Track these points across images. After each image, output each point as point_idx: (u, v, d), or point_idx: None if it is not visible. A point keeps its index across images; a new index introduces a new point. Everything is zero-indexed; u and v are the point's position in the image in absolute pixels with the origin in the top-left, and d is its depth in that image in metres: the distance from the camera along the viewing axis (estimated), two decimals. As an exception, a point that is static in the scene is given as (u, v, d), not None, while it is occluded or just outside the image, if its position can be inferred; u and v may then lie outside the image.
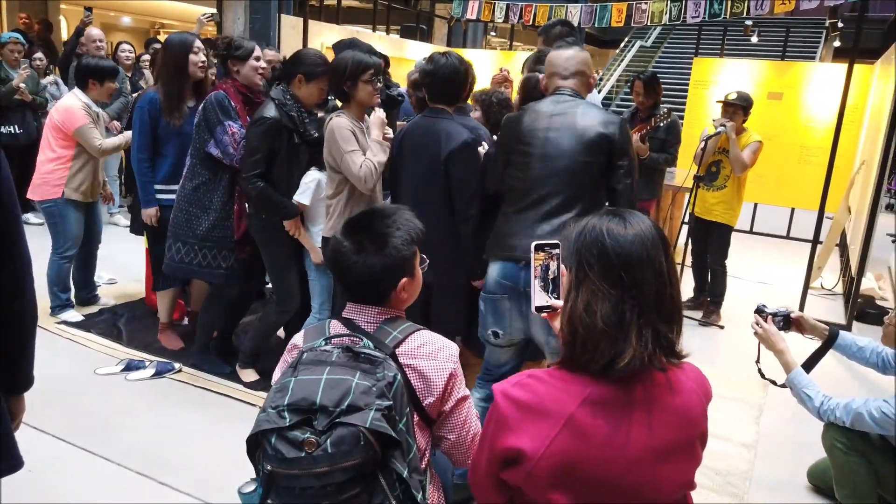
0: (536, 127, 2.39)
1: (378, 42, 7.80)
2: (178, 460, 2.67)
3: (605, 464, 1.14)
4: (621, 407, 1.16)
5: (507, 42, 11.52)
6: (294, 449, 1.27)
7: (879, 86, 5.72)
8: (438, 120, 2.76)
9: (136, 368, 3.39)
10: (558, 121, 2.37)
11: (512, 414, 1.19)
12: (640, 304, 1.16)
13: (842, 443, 2.37)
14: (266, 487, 1.34)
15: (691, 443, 1.21)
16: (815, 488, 2.77)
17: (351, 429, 1.27)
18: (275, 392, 1.35)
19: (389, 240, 1.51)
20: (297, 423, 1.29)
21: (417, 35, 9.87)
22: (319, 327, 1.56)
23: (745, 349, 4.47)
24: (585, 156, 2.34)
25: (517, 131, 2.43)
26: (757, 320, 2.45)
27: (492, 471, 1.25)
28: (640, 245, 1.17)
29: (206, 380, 3.35)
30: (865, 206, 4.91)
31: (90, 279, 4.22)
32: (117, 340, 3.73)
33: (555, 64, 2.48)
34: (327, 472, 1.26)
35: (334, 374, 1.34)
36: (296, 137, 3.01)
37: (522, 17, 7.44)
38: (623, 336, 1.15)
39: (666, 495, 1.18)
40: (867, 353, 2.54)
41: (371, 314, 1.55)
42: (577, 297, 1.19)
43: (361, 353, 1.40)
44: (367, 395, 1.31)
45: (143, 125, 3.39)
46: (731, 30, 10.73)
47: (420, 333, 1.53)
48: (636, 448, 1.15)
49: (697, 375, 1.27)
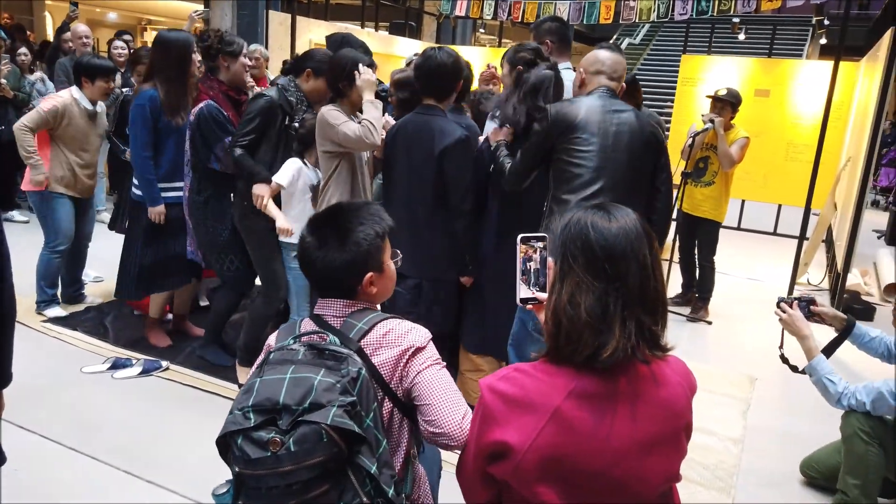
0: (596, 119, 2.44)
1: (366, 39, 7.77)
2: (166, 459, 2.66)
3: (591, 456, 1.15)
4: (606, 399, 1.17)
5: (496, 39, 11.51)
6: (259, 449, 1.27)
7: (865, 83, 5.77)
8: (432, 117, 2.76)
9: (123, 367, 3.36)
10: (617, 117, 2.46)
11: (498, 408, 1.19)
12: (624, 296, 1.16)
13: (864, 432, 2.37)
14: (236, 489, 1.35)
15: (676, 435, 1.22)
16: (806, 480, 2.79)
17: (313, 426, 1.26)
18: (242, 393, 1.35)
19: (351, 234, 1.51)
20: (262, 423, 1.29)
21: (406, 32, 9.84)
22: (291, 326, 1.56)
23: (733, 345, 4.50)
24: (643, 154, 2.48)
25: (572, 120, 2.45)
26: (782, 307, 2.49)
27: (479, 465, 1.25)
28: (624, 238, 1.18)
29: (193, 378, 3.33)
30: (851, 203, 4.95)
31: (78, 277, 4.19)
32: (104, 339, 3.70)
33: (605, 64, 2.55)
34: (292, 470, 1.26)
35: (298, 372, 1.34)
36: (287, 119, 3.04)
37: (511, 14, 7.45)
38: (606, 328, 1.15)
39: (652, 487, 1.19)
40: (876, 343, 2.60)
41: (337, 308, 1.54)
42: (562, 290, 1.20)
43: (326, 349, 1.40)
44: (329, 391, 1.30)
45: (146, 122, 3.32)
46: (718, 27, 10.78)
47: (385, 322, 1.52)
48: (621, 440, 1.16)
49: (682, 368, 1.28)
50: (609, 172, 2.43)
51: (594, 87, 2.54)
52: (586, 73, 2.59)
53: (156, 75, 3.36)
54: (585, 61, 2.64)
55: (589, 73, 2.58)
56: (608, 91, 2.52)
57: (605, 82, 2.53)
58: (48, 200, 3.79)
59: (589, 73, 2.58)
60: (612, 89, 2.53)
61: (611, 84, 2.54)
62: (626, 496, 1.17)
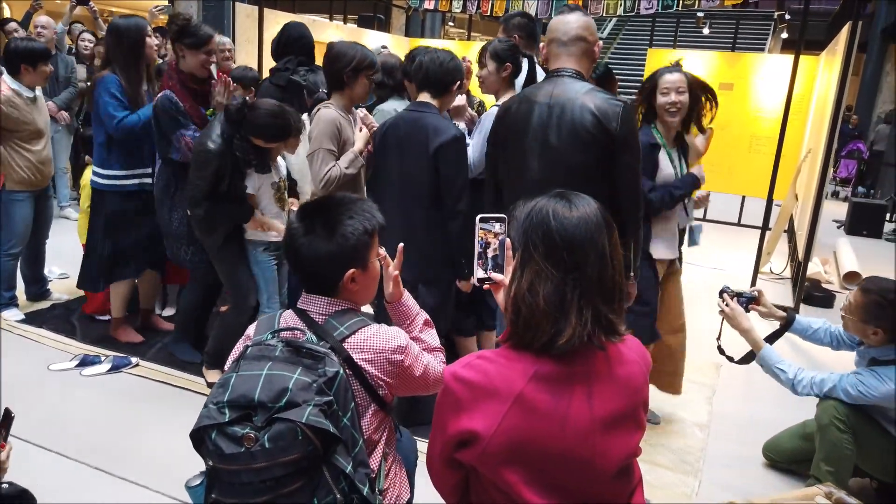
0: (530, 120, 2.23)
1: (335, 31, 7.72)
2: (137, 454, 2.64)
3: (553, 436, 1.18)
4: (566, 381, 1.20)
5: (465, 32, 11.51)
6: (233, 444, 1.28)
7: (824, 77, 5.91)
8: (425, 114, 2.73)
9: (92, 364, 3.32)
10: (555, 113, 2.19)
11: (464, 395, 1.22)
12: (582, 285, 1.19)
13: (840, 420, 2.45)
14: (209, 482, 1.36)
15: (635, 411, 1.26)
16: (768, 463, 2.88)
17: (288, 424, 1.27)
18: (217, 388, 1.36)
19: (339, 227, 1.50)
20: (237, 418, 1.30)
21: (375, 25, 9.79)
22: (271, 319, 1.55)
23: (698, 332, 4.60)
24: (580, 154, 2.16)
25: (509, 125, 2.28)
26: (724, 297, 2.59)
27: (446, 453, 1.27)
28: (584, 228, 1.21)
29: (164, 373, 3.31)
30: (811, 194, 5.08)
31: (40, 274, 4.11)
32: (71, 336, 3.65)
33: (554, 29, 2.29)
34: (266, 467, 1.27)
35: (275, 369, 1.34)
36: (236, 173, 2.91)
37: (480, 8, 7.46)
38: (563, 316, 1.18)
39: (615, 463, 1.23)
40: (821, 334, 2.76)
41: (321, 304, 1.54)
42: (522, 277, 1.22)
43: (304, 347, 1.40)
44: (306, 391, 1.31)
45: (118, 99, 3.22)
46: (683, 22, 10.93)
47: (367, 328, 1.53)
48: (582, 419, 1.19)
49: (637, 346, 1.32)
50: (548, 186, 2.21)
51: (552, 64, 2.31)
52: (545, 46, 2.37)
53: (113, 63, 3.32)
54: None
55: (546, 46, 2.36)
56: (571, 72, 2.25)
57: (557, 51, 2.29)
58: (6, 203, 3.67)
59: (546, 46, 2.36)
60: (571, 67, 2.25)
61: (565, 51, 2.27)
62: (589, 473, 1.21)
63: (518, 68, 3.07)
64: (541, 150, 2.22)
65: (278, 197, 3.06)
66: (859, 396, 2.43)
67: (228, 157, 2.85)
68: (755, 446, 2.93)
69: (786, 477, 2.80)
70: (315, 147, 2.72)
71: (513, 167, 2.34)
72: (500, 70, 2.99)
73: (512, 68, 3.01)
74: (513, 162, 2.33)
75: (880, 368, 2.43)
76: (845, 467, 2.47)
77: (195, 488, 1.45)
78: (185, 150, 3.07)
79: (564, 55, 2.27)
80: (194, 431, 1.34)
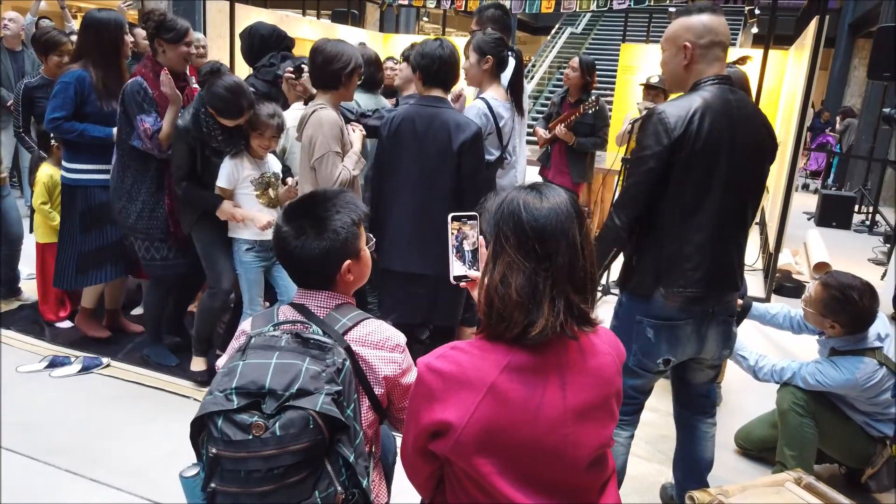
0: (723, 129, 1.92)
1: (308, 27, 7.66)
2: (109, 456, 2.60)
3: (526, 426, 1.19)
4: (539, 371, 1.21)
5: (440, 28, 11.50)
6: (241, 432, 1.27)
7: (793, 70, 6.00)
8: (442, 110, 2.72)
9: (61, 365, 3.26)
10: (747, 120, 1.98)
11: (437, 386, 1.22)
12: (553, 275, 1.20)
13: (799, 405, 2.51)
14: (210, 471, 1.33)
15: (607, 401, 1.27)
16: (739, 451, 2.93)
17: (301, 412, 1.28)
18: (222, 375, 1.35)
19: (328, 223, 1.52)
20: (245, 406, 1.29)
21: (349, 20, 9.74)
22: (268, 313, 1.56)
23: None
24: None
25: (699, 136, 1.90)
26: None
27: (420, 444, 1.28)
28: (555, 218, 1.21)
29: (136, 373, 3.26)
30: (781, 186, 5.16)
31: (11, 276, 4.03)
32: (39, 337, 3.58)
33: (719, 32, 2.01)
34: (275, 455, 1.26)
35: (284, 358, 1.34)
36: (207, 150, 2.94)
37: (455, 3, 7.45)
38: (536, 307, 1.19)
39: (587, 453, 1.24)
40: (780, 319, 2.84)
41: (321, 298, 1.55)
42: (494, 269, 1.23)
43: (310, 339, 1.40)
44: (316, 379, 1.32)
45: (67, 102, 3.18)
46: (655, 17, 11.03)
47: (369, 322, 1.54)
48: (555, 409, 1.20)
49: (611, 338, 1.33)
50: (717, 195, 1.98)
51: (717, 69, 2.01)
52: (707, 48, 2.00)
53: (86, 58, 3.25)
54: (690, 31, 2.03)
55: (709, 48, 2.00)
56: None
57: (720, 55, 2.02)
58: None
59: (709, 48, 2.00)
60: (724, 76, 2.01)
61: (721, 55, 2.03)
62: (562, 463, 1.22)
63: (501, 62, 3.06)
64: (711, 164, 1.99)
65: (261, 193, 3.01)
66: (817, 385, 2.49)
67: (196, 137, 2.87)
68: (727, 435, 2.97)
69: (757, 465, 2.85)
70: (324, 151, 2.65)
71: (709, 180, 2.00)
72: (481, 62, 2.99)
73: (493, 61, 3.01)
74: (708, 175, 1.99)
75: (839, 359, 2.49)
76: (808, 451, 2.52)
77: (190, 479, 1.42)
78: (144, 137, 3.03)
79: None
80: (198, 418, 1.32)
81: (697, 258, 1.97)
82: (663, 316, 2.02)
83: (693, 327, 2.05)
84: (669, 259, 1.99)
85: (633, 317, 2.07)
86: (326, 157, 2.64)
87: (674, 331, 2.04)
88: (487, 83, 3.07)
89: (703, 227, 1.96)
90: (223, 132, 2.91)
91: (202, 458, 1.36)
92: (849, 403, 2.54)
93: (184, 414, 1.33)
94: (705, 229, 1.97)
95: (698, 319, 2.04)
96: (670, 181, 1.94)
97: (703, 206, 1.96)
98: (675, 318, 2.02)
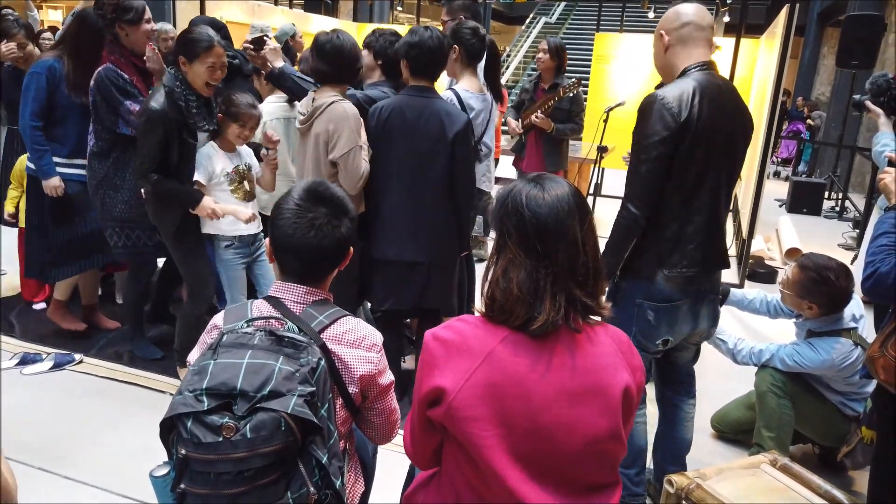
0: (717, 112, 1.97)
1: (281, 16, 7.56)
2: (82, 453, 2.56)
3: (519, 399, 1.19)
4: (539, 349, 1.22)
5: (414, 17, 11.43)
6: (211, 433, 1.24)
7: (765, 59, 6.07)
8: (432, 100, 2.70)
9: (33, 362, 3.20)
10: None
11: (440, 353, 1.24)
12: (554, 271, 1.21)
13: (776, 387, 2.56)
14: (179, 472, 1.31)
15: (604, 391, 1.24)
16: (716, 434, 2.98)
17: (272, 414, 1.25)
18: (192, 375, 1.31)
19: (347, 208, 1.53)
20: (216, 407, 1.26)
21: (322, 9, 9.64)
22: (241, 308, 1.50)
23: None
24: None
25: (701, 118, 1.94)
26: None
27: (420, 414, 1.29)
28: (556, 216, 1.22)
29: (110, 369, 3.21)
30: (753, 174, 5.23)
31: None
32: (9, 334, 3.51)
33: (690, 14, 2.07)
34: (246, 457, 1.24)
35: (256, 358, 1.31)
36: (185, 133, 2.76)
37: (428, -8, 7.40)
38: (537, 302, 1.20)
39: (577, 439, 1.22)
40: (757, 304, 2.87)
41: (299, 293, 1.51)
42: (497, 263, 1.25)
43: (285, 336, 1.36)
44: (289, 380, 1.29)
45: (39, 92, 3.12)
46: (629, 6, 11.08)
47: (346, 320, 1.51)
48: (550, 387, 1.20)
49: (619, 336, 1.32)
50: (711, 175, 2.04)
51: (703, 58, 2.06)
52: (670, 31, 2.08)
53: (64, 46, 3.19)
54: (664, 21, 2.13)
55: (675, 30, 2.07)
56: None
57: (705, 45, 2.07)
58: None
59: (675, 30, 2.07)
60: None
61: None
62: (552, 444, 1.21)
63: (471, 51, 3.03)
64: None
65: (236, 187, 2.93)
66: (794, 366, 2.53)
67: (174, 120, 2.70)
68: (703, 418, 3.00)
69: (734, 447, 2.90)
70: (351, 145, 2.61)
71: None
72: (450, 52, 2.96)
73: (460, 51, 2.98)
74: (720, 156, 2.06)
75: (816, 340, 2.53)
76: (785, 432, 2.56)
77: (160, 478, 1.40)
78: (134, 122, 2.96)
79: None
80: (167, 419, 1.29)
81: (699, 238, 2.03)
82: (664, 297, 2.07)
83: (688, 306, 2.11)
84: (671, 240, 2.04)
85: (633, 300, 2.11)
86: (354, 152, 2.62)
87: (673, 311, 2.09)
88: (460, 73, 3.05)
89: (702, 207, 2.02)
90: (199, 104, 2.77)
91: (173, 458, 1.33)
92: (825, 384, 2.58)
93: (158, 409, 1.30)
94: (705, 210, 2.03)
95: (693, 298, 2.11)
96: (674, 164, 1.98)
97: (702, 188, 2.01)
98: (675, 299, 2.08)
